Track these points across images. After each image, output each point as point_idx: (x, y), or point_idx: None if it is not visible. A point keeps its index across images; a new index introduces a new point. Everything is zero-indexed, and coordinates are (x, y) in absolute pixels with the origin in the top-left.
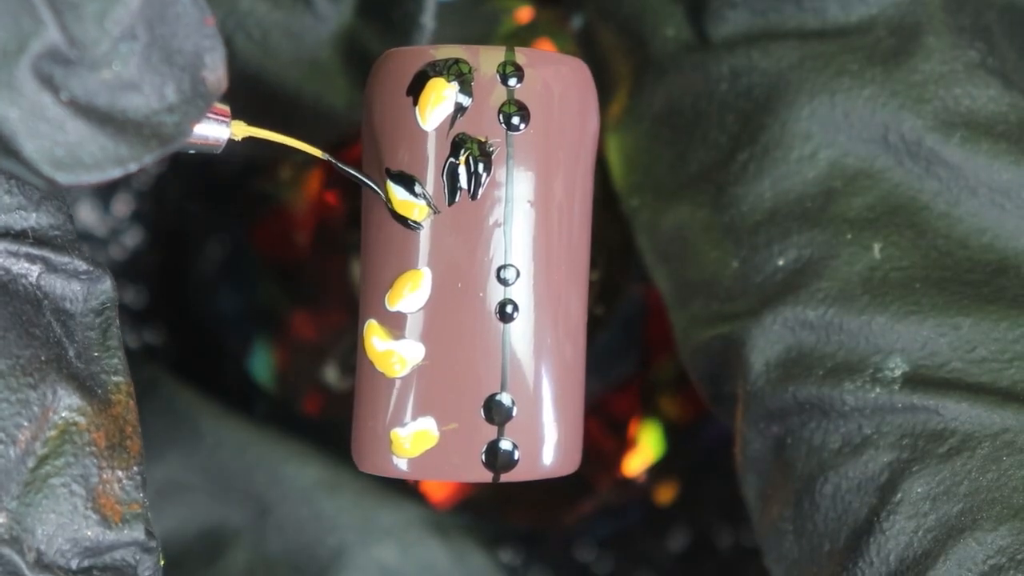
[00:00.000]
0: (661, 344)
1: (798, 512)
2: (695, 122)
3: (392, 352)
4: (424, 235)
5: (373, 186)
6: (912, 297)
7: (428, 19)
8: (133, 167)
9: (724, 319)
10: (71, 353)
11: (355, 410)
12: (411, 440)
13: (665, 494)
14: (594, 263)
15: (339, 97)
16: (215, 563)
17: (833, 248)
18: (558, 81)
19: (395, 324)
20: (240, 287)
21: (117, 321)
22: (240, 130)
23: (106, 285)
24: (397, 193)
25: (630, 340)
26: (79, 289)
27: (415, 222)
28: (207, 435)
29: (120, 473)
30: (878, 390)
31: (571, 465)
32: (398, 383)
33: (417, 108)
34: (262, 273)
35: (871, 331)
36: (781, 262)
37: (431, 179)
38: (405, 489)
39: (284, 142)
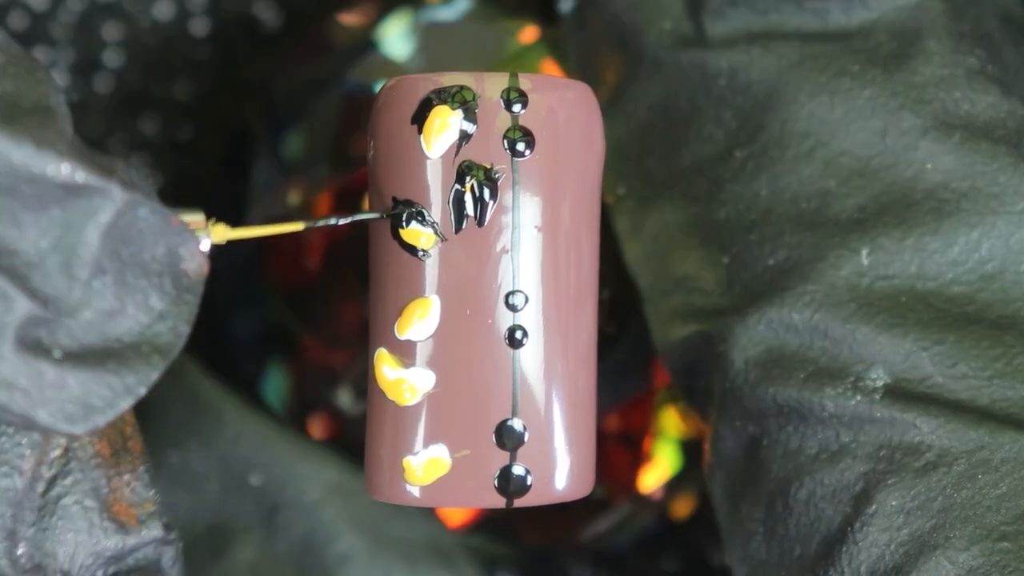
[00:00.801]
0: None
1: (770, 514)
2: (690, 116)
3: (402, 380)
4: (432, 263)
5: (377, 215)
6: (897, 310)
7: None
8: (143, 391)
9: (707, 315)
10: None
11: (367, 438)
12: (423, 468)
13: (683, 508)
14: (604, 281)
15: None
16: (222, 557)
17: (821, 251)
18: (563, 106)
19: (405, 352)
20: (252, 311)
21: None
22: (220, 235)
23: None
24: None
25: (642, 355)
26: None
27: (423, 250)
28: (228, 425)
29: (128, 476)
30: (859, 398)
31: (584, 489)
32: (409, 411)
33: (422, 136)
34: (274, 297)
35: (855, 340)
36: (771, 262)
37: (438, 207)
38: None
39: (265, 233)
